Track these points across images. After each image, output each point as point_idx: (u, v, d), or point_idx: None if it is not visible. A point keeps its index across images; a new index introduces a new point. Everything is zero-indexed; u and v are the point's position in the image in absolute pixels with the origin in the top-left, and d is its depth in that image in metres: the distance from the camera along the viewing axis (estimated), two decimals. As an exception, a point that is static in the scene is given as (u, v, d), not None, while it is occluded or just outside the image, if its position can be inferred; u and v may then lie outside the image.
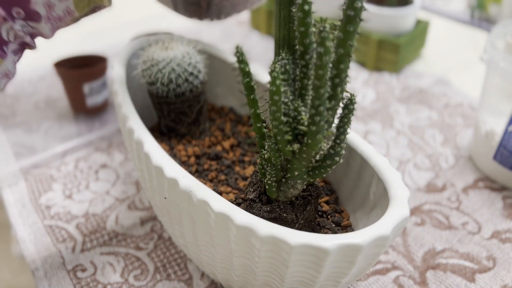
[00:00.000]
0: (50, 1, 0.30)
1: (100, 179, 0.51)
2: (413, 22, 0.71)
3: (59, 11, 0.31)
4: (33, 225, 0.45)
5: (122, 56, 0.45)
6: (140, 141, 0.34)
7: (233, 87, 0.49)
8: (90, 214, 0.47)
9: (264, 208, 0.31)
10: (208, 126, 0.47)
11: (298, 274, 0.27)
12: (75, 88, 0.58)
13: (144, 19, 0.89)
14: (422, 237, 0.44)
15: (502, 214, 0.46)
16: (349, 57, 0.25)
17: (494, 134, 0.49)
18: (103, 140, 0.57)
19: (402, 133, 0.58)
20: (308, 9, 0.25)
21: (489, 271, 0.40)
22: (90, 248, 0.43)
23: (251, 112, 0.30)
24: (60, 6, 0.31)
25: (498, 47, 0.48)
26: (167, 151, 0.42)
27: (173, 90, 0.42)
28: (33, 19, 0.30)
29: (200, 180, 0.39)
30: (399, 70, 0.71)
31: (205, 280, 0.40)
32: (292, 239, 0.25)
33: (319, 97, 0.24)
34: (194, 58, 0.43)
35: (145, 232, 0.45)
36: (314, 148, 0.26)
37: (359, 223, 0.35)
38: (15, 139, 0.58)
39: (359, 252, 0.25)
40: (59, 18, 0.31)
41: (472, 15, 0.91)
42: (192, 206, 0.30)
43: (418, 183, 0.50)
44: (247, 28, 0.86)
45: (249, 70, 0.28)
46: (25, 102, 0.65)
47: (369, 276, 0.40)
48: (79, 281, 0.40)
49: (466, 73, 0.71)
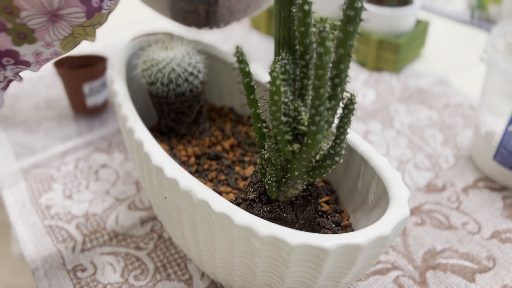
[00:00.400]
0: (38, 50, 0.31)
1: (100, 179, 0.51)
2: (413, 22, 0.71)
3: (47, 55, 0.32)
4: (33, 225, 0.45)
5: (122, 56, 0.45)
6: (140, 141, 0.34)
7: (233, 87, 0.49)
8: (90, 214, 0.47)
9: (264, 208, 0.31)
10: (208, 126, 0.47)
11: (298, 274, 0.27)
12: (75, 88, 0.58)
13: (144, 19, 0.89)
14: (422, 237, 0.44)
15: (502, 214, 0.46)
16: (349, 57, 0.25)
17: (494, 134, 0.49)
18: (103, 140, 0.57)
19: (402, 133, 0.58)
20: (308, 9, 0.25)
21: (489, 271, 0.40)
22: (90, 248, 0.43)
23: (251, 112, 0.30)
24: (48, 52, 0.32)
25: (498, 47, 0.48)
26: (167, 151, 0.42)
27: (173, 90, 0.42)
28: (22, 65, 0.32)
29: (200, 180, 0.39)
30: (399, 70, 0.71)
31: (205, 280, 0.40)
32: (292, 239, 0.25)
33: (319, 97, 0.24)
34: (194, 58, 0.43)
35: (145, 232, 0.45)
36: (314, 148, 0.26)
37: (359, 223, 0.35)
38: (15, 139, 0.58)
39: (359, 252, 0.25)
40: (46, 59, 0.33)
41: (472, 15, 0.91)
42: (192, 206, 0.30)
43: (418, 183, 0.50)
44: (247, 28, 0.86)
45: (249, 70, 0.28)
46: (25, 102, 0.65)
47: (369, 276, 0.40)
48: (79, 281, 0.40)
49: (466, 73, 0.71)
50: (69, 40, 0.32)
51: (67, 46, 0.33)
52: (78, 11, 0.30)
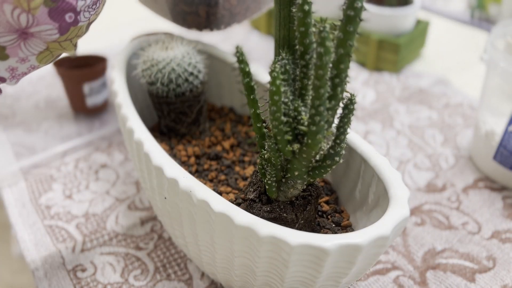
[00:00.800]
0: (12, 65, 0.30)
1: (100, 179, 0.51)
2: (413, 22, 0.71)
3: (24, 69, 0.31)
4: (33, 225, 0.45)
5: (122, 56, 0.45)
6: (140, 141, 0.34)
7: (233, 87, 0.49)
8: (90, 214, 0.47)
9: (264, 208, 0.31)
10: (208, 126, 0.47)
11: (298, 274, 0.27)
12: (75, 88, 0.58)
13: (144, 19, 0.89)
14: (422, 237, 0.44)
15: (502, 214, 0.46)
16: (349, 57, 0.25)
17: (494, 134, 0.49)
18: (103, 140, 0.57)
19: (402, 133, 0.58)
20: (308, 9, 0.25)
21: (489, 271, 0.40)
22: (90, 248, 0.43)
23: (251, 112, 0.30)
24: (24, 67, 0.31)
25: (498, 47, 0.48)
26: (167, 151, 0.42)
27: (173, 90, 0.42)
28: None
29: (200, 180, 0.39)
30: (399, 70, 0.71)
31: (205, 280, 0.40)
32: (292, 239, 0.25)
33: (319, 97, 0.24)
34: (194, 58, 0.43)
35: (145, 232, 0.45)
36: (314, 148, 0.26)
37: (359, 223, 0.35)
38: (15, 139, 0.58)
39: (359, 252, 0.25)
40: (23, 73, 0.32)
41: (472, 15, 0.91)
42: (192, 206, 0.30)
43: (418, 183, 0.50)
44: (247, 28, 0.86)
45: (249, 70, 0.28)
46: (25, 102, 0.65)
47: (369, 276, 0.40)
48: (79, 281, 0.40)
49: (466, 73, 0.71)
50: (46, 55, 0.31)
51: (44, 59, 0.31)
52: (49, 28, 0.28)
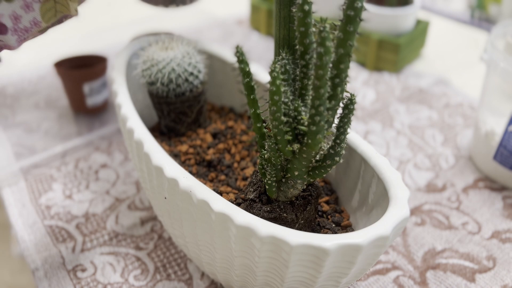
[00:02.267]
0: (17, 12, 0.30)
1: (100, 179, 0.51)
2: (413, 22, 0.71)
3: (26, 23, 0.31)
4: (33, 225, 0.45)
5: (122, 56, 0.45)
6: (140, 141, 0.34)
7: (233, 87, 0.49)
8: (90, 214, 0.47)
9: (264, 208, 0.31)
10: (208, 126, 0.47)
11: (298, 274, 0.27)
12: (75, 88, 0.58)
13: (144, 19, 0.89)
14: (422, 237, 0.44)
15: (502, 214, 0.46)
16: (349, 57, 0.25)
17: (494, 134, 0.49)
18: (103, 140, 0.57)
19: (402, 133, 0.58)
20: (308, 9, 0.25)
21: (489, 271, 0.40)
22: (90, 248, 0.43)
23: (251, 112, 0.30)
24: (27, 18, 0.30)
25: (498, 47, 0.48)
26: (167, 151, 0.42)
27: (173, 90, 0.42)
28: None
29: (200, 180, 0.39)
30: (399, 70, 0.71)
31: (205, 280, 0.40)
32: (292, 239, 0.25)
33: (319, 97, 0.24)
34: (194, 58, 0.43)
35: (145, 232, 0.45)
36: (314, 148, 0.26)
37: (359, 223, 0.35)
38: (15, 139, 0.58)
39: (359, 252, 0.25)
40: (26, 29, 0.31)
41: (472, 15, 0.91)
42: (192, 206, 0.30)
43: (418, 183, 0.50)
44: (247, 28, 0.86)
45: (249, 70, 0.28)
46: (25, 102, 0.65)
47: (369, 276, 0.40)
48: (79, 281, 0.40)
49: (466, 73, 0.71)
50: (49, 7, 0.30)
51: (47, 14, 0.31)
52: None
